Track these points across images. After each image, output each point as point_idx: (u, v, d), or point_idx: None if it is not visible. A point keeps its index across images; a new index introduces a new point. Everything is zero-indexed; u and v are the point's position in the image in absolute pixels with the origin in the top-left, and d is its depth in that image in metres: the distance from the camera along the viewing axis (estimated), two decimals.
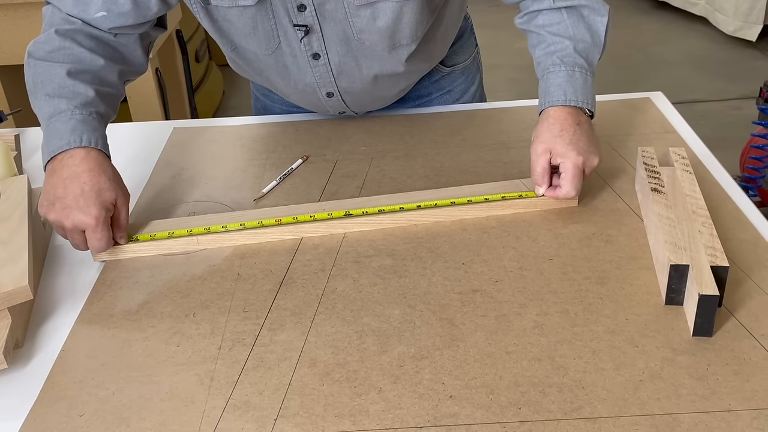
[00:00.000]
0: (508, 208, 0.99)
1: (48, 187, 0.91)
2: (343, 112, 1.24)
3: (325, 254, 0.93)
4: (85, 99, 0.96)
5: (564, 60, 1.01)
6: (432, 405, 0.71)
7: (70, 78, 0.96)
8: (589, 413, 0.69)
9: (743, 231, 0.93)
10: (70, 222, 0.88)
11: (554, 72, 1.01)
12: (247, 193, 1.08)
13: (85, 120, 0.94)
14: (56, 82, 0.96)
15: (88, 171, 0.90)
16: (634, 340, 0.78)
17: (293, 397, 0.73)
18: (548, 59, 1.02)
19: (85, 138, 0.92)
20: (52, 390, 0.76)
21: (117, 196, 0.92)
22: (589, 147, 0.97)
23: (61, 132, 0.92)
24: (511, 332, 0.79)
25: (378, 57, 1.09)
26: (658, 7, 4.48)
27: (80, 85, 0.96)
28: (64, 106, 0.94)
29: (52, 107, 0.95)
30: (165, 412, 0.72)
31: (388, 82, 1.16)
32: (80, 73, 0.98)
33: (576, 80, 1.00)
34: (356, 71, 1.11)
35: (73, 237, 0.90)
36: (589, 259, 0.90)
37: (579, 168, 0.95)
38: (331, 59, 1.09)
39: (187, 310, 0.85)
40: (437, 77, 1.29)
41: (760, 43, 3.85)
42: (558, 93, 0.99)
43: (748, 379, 0.72)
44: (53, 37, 0.99)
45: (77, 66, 0.98)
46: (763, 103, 2.32)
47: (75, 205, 0.88)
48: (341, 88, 1.14)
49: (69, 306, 0.88)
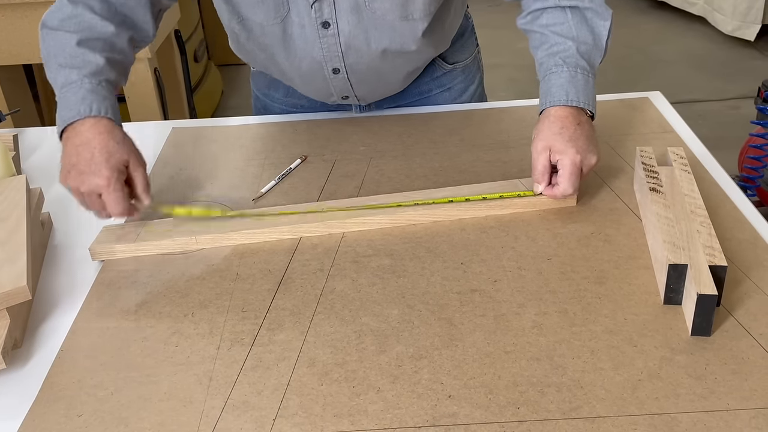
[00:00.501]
0: (506, 208, 0.99)
1: (63, 156, 0.95)
2: (346, 97, 1.23)
3: (323, 254, 0.93)
4: (95, 67, 0.98)
5: (566, 61, 1.02)
6: (431, 405, 0.71)
7: (80, 47, 0.99)
8: (588, 413, 0.69)
9: (742, 230, 0.93)
10: (86, 186, 0.91)
11: (557, 72, 1.02)
12: (245, 193, 1.08)
13: (95, 89, 0.97)
14: (67, 52, 0.99)
15: (97, 136, 0.93)
16: (633, 339, 0.78)
17: (292, 397, 0.73)
18: (551, 60, 1.03)
19: (95, 107, 0.95)
20: (50, 390, 0.76)
21: (129, 158, 0.94)
22: (588, 146, 0.97)
23: (72, 102, 0.96)
24: (509, 332, 0.79)
25: (388, 29, 1.08)
26: (657, 7, 4.48)
27: (90, 53, 0.99)
28: (74, 76, 0.97)
29: (63, 77, 0.98)
30: (164, 412, 0.72)
31: (396, 61, 1.15)
32: (90, 40, 1.00)
33: (578, 81, 1.01)
34: (365, 45, 1.10)
35: (92, 203, 0.93)
36: (588, 258, 0.90)
37: (576, 166, 0.96)
38: (341, 29, 1.08)
39: (186, 310, 0.85)
40: (438, 74, 1.29)
41: (759, 42, 3.85)
42: (560, 93, 1.00)
43: (747, 379, 0.72)
44: (65, 4, 1.02)
45: (87, 34, 1.00)
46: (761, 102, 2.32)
47: (88, 170, 0.91)
48: (348, 65, 1.13)
49: (67, 306, 0.88)
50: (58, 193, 1.13)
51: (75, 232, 1.03)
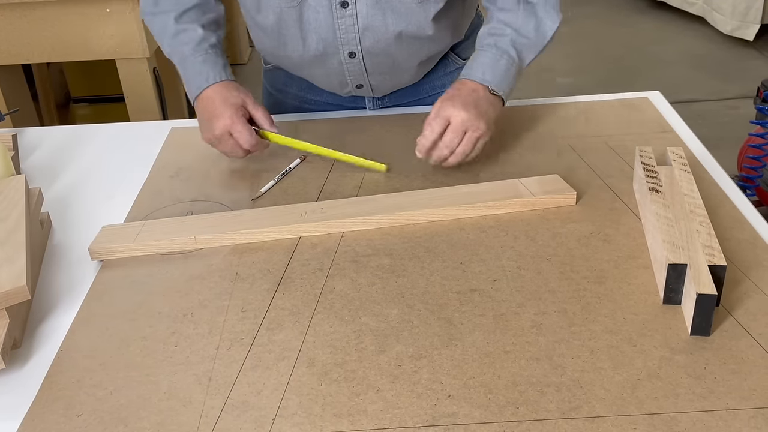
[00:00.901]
0: (506, 207, 0.99)
1: (198, 120, 1.12)
2: (360, 86, 1.23)
3: (323, 254, 0.93)
4: (197, 39, 1.12)
5: (498, 44, 1.09)
6: (430, 404, 0.71)
7: (178, 23, 1.13)
8: (587, 412, 0.69)
9: (741, 230, 0.93)
10: (218, 130, 1.07)
11: (485, 51, 1.09)
12: (244, 193, 1.08)
13: (206, 60, 1.12)
14: (170, 32, 1.14)
15: (217, 93, 1.10)
16: (632, 339, 0.78)
17: (291, 397, 0.73)
18: (486, 39, 1.11)
19: (211, 76, 1.11)
20: (50, 390, 0.76)
21: (245, 98, 1.10)
22: (479, 116, 1.03)
23: (191, 75, 1.12)
24: (509, 332, 0.79)
25: (405, 11, 1.11)
26: (656, 7, 4.48)
27: (189, 27, 1.13)
28: (186, 51, 1.12)
29: (177, 56, 1.14)
30: (163, 412, 0.72)
31: (411, 46, 1.16)
32: (185, 13, 1.14)
33: (499, 66, 1.08)
34: (382, 26, 1.12)
35: (226, 145, 1.08)
36: (587, 258, 0.90)
37: (459, 125, 1.02)
38: (359, 10, 1.10)
39: (185, 310, 0.85)
40: (452, 68, 1.30)
41: (758, 42, 3.85)
42: (478, 71, 1.08)
43: (746, 378, 0.72)
44: None
45: (179, 8, 1.13)
46: (760, 102, 2.32)
47: (214, 117, 1.07)
48: (365, 48, 1.15)
49: (67, 306, 0.88)
50: (57, 193, 1.13)
51: (74, 232, 1.02)
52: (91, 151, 1.25)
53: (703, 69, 3.67)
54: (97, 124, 1.36)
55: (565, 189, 1.01)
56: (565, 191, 1.01)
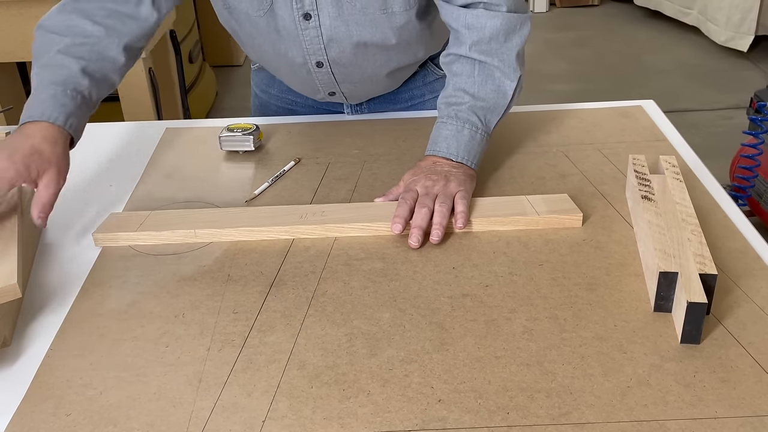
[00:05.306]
0: (508, 225, 0.98)
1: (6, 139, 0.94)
2: (333, 94, 1.23)
3: (316, 257, 0.93)
4: (67, 74, 0.99)
5: (458, 115, 1.05)
6: (420, 409, 0.71)
7: (59, 53, 1.00)
8: (577, 419, 0.70)
9: (732, 240, 0.94)
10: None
11: (447, 123, 1.05)
12: (238, 195, 1.08)
13: (56, 96, 0.96)
14: (48, 56, 1.00)
15: (39, 137, 0.92)
16: (623, 346, 0.78)
17: (282, 399, 0.73)
18: (446, 109, 1.07)
19: (47, 114, 0.95)
20: (39, 389, 0.75)
21: (47, 170, 0.92)
22: (449, 180, 0.99)
23: (33, 104, 0.96)
24: (500, 337, 0.79)
25: (369, 22, 1.09)
26: (651, 16, 4.51)
27: (67, 59, 1.00)
28: (46, 79, 0.98)
29: (38, 79, 0.99)
30: (153, 412, 0.72)
31: (378, 56, 1.15)
32: (74, 46, 1.01)
33: (463, 136, 1.04)
34: (346, 37, 1.11)
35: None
36: (579, 265, 0.90)
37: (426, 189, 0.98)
38: (322, 22, 1.09)
39: (177, 311, 0.85)
40: (431, 79, 1.30)
41: (751, 53, 3.87)
42: (442, 145, 1.04)
43: (735, 387, 0.73)
44: (59, 8, 1.05)
45: (73, 39, 1.02)
46: (753, 113, 2.34)
47: (3, 154, 0.89)
48: (331, 58, 1.14)
49: (57, 305, 0.88)
50: None
51: (66, 231, 1.02)
52: (85, 151, 1.25)
53: (697, 79, 3.69)
54: (91, 124, 1.35)
55: (572, 210, 0.98)
56: (571, 212, 0.98)
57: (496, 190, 1.07)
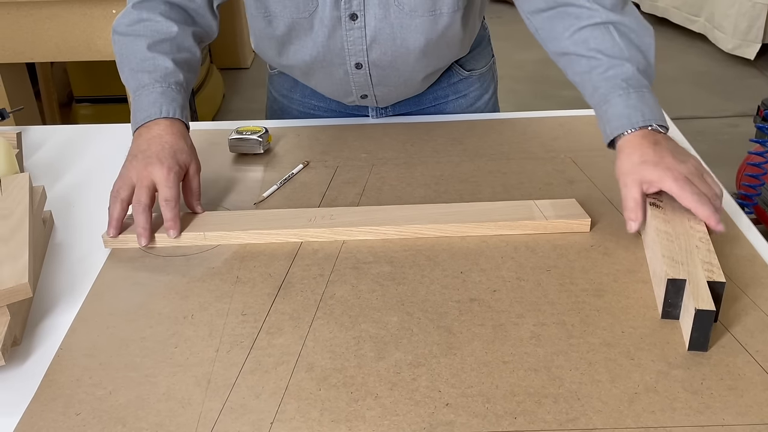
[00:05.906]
0: (516, 229, 0.98)
1: (133, 146, 1.00)
2: (365, 97, 1.24)
3: (324, 260, 0.94)
4: (164, 71, 1.04)
5: (629, 83, 0.98)
6: (428, 412, 0.71)
7: (150, 51, 1.05)
8: (585, 424, 0.70)
9: (740, 247, 0.94)
10: (147, 171, 0.95)
11: (624, 95, 0.97)
12: (247, 197, 1.09)
13: (165, 92, 1.03)
14: (138, 57, 1.05)
15: (170, 134, 0.99)
16: (630, 352, 0.78)
17: (290, 402, 0.73)
18: (608, 83, 0.99)
19: (165, 109, 1.01)
20: (49, 388, 0.76)
21: (191, 162, 1.00)
22: (676, 159, 0.92)
23: (145, 105, 1.02)
24: (507, 342, 0.80)
25: (414, 25, 1.10)
26: (658, 23, 4.51)
27: (159, 57, 1.05)
28: (146, 79, 1.04)
29: (136, 81, 1.05)
30: (162, 413, 0.72)
31: (418, 59, 1.16)
32: (158, 43, 1.06)
33: (647, 101, 0.97)
34: (390, 40, 1.12)
35: (140, 193, 0.95)
36: (587, 271, 0.91)
37: (681, 181, 0.89)
38: (368, 22, 1.10)
39: (186, 312, 0.86)
40: (455, 80, 1.31)
41: (759, 61, 3.87)
42: (635, 115, 0.96)
43: (743, 395, 0.73)
44: (130, 11, 1.09)
45: (155, 37, 1.06)
46: (760, 121, 2.33)
47: (155, 158, 0.96)
48: (371, 60, 1.15)
49: (68, 304, 0.88)
50: (59, 192, 1.13)
51: (76, 231, 1.03)
52: (94, 152, 1.26)
53: (704, 86, 3.69)
54: (100, 125, 1.37)
55: (580, 214, 0.98)
56: (580, 217, 0.98)
57: (504, 195, 1.07)
